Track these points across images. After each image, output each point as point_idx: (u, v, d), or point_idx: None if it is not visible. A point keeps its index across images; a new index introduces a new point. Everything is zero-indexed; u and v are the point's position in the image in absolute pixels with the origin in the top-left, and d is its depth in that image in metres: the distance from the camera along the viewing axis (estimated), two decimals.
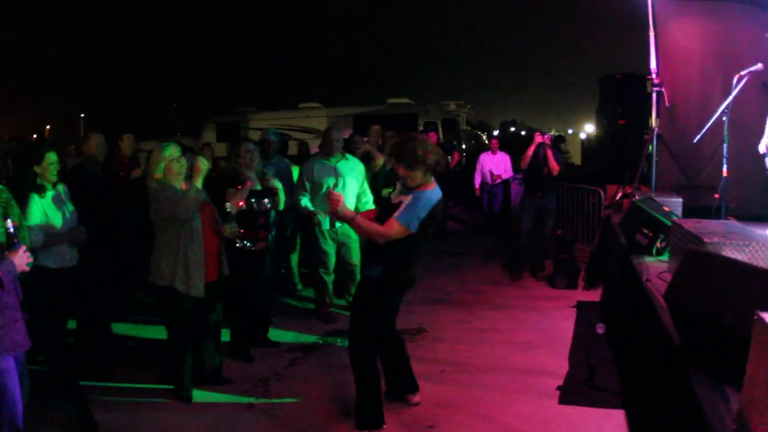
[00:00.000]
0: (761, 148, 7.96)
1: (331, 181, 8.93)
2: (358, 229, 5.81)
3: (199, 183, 6.53)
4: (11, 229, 4.57)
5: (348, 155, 9.43)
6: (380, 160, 10.25)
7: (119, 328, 8.74)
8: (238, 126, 26.36)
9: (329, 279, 9.51)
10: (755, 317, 3.11)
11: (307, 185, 9.11)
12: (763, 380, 2.98)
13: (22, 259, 4.50)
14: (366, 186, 9.42)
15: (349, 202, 8.83)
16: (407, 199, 5.79)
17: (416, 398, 6.39)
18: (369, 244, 6.05)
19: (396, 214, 5.67)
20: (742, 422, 3.17)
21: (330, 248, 9.30)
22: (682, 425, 3.96)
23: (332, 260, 9.41)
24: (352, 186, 9.15)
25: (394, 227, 5.60)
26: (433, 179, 5.92)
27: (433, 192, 5.87)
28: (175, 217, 6.33)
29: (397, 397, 6.36)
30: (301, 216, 9.66)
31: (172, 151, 6.54)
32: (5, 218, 4.63)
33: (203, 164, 6.56)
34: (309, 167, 9.18)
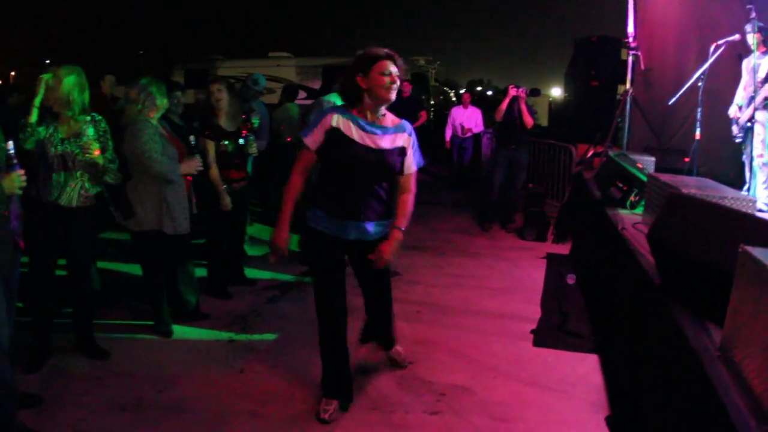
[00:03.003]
0: (731, 112, 8.14)
1: None
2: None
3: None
4: (11, 151, 4.65)
5: None
6: None
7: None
8: (207, 73, 26.20)
9: None
10: (740, 250, 3.29)
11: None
12: (746, 308, 3.16)
13: (13, 182, 4.59)
14: None
15: None
16: None
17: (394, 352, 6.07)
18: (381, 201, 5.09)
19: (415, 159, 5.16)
20: (726, 350, 3.35)
21: None
22: (664, 360, 4.14)
23: None
24: None
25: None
26: (389, 114, 5.06)
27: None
28: (158, 175, 6.32)
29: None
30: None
31: (154, 87, 6.43)
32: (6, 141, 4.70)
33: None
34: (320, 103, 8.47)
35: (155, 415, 5.19)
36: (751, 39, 7.77)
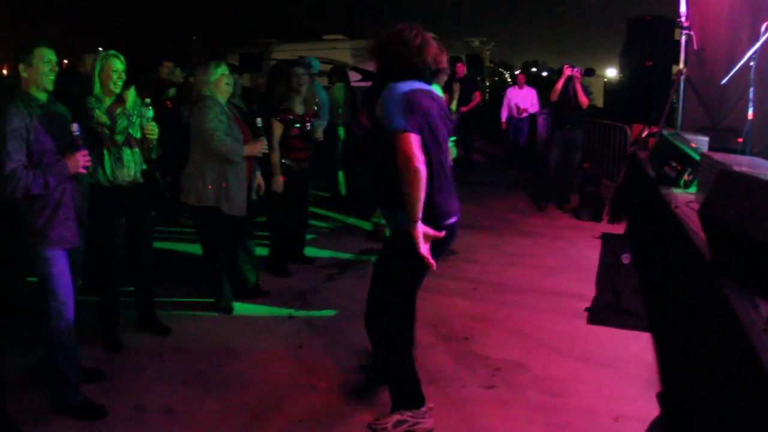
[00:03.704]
0: None
1: None
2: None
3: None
4: (76, 132, 4.83)
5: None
6: None
7: None
8: (261, 57, 26.31)
9: None
10: None
11: None
12: None
13: (77, 162, 4.77)
14: None
15: None
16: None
17: None
18: (376, 185, 4.71)
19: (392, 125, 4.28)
20: None
21: None
22: (713, 335, 4.21)
23: None
24: None
25: (400, 139, 4.18)
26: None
27: (404, 83, 4.40)
28: (221, 154, 6.49)
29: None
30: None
31: (223, 68, 6.66)
32: (72, 122, 4.87)
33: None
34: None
35: (215, 389, 5.37)
36: None
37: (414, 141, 4.17)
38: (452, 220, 4.56)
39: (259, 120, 6.94)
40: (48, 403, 5.02)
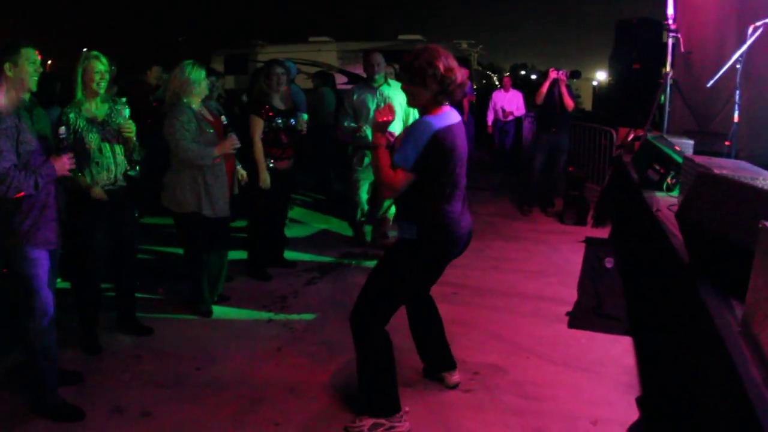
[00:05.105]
0: None
1: (373, 104, 8.78)
2: (375, 162, 4.64)
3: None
4: (63, 135, 4.87)
5: (390, 80, 9.26)
6: None
7: None
8: (247, 58, 26.37)
9: (362, 202, 9.46)
10: (760, 226, 3.39)
11: (350, 113, 8.98)
12: (765, 283, 3.27)
13: (64, 164, 4.80)
14: (412, 116, 8.72)
15: (395, 127, 8.09)
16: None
17: (455, 377, 5.50)
18: (398, 198, 4.77)
19: (395, 155, 4.55)
20: (746, 325, 3.46)
21: (363, 175, 9.23)
22: (690, 333, 4.24)
23: (365, 187, 9.36)
24: (397, 111, 8.07)
25: (398, 175, 4.47)
26: (446, 104, 4.69)
27: (437, 117, 4.55)
28: (190, 161, 6.48)
29: (434, 377, 5.58)
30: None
31: (197, 71, 6.60)
32: (59, 125, 4.92)
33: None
34: (349, 94, 9.10)
35: (192, 392, 5.40)
36: None
37: (404, 179, 4.48)
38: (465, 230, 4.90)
39: (223, 117, 6.94)
40: (25, 405, 5.04)
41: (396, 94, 8.73)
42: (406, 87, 4.69)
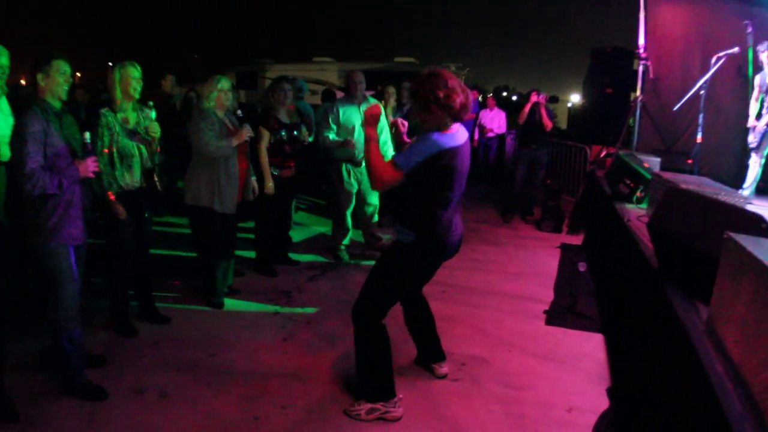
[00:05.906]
0: (749, 123, 8.14)
1: (357, 121, 8.58)
2: (367, 154, 4.59)
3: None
4: (87, 140, 4.88)
5: (370, 98, 9.13)
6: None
7: None
8: (257, 75, 26.35)
9: (349, 227, 9.24)
10: (725, 236, 3.42)
11: (333, 127, 8.67)
12: (729, 288, 3.30)
13: (88, 167, 4.81)
14: (387, 136, 8.72)
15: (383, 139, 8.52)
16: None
17: (444, 368, 5.57)
18: (397, 204, 4.80)
19: (397, 156, 4.58)
20: (711, 325, 3.49)
21: (351, 188, 8.97)
22: (658, 331, 4.27)
23: (352, 201, 9.10)
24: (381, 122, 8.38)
25: (389, 170, 4.50)
26: (455, 124, 4.64)
27: (446, 137, 4.51)
28: (211, 155, 6.53)
29: (425, 366, 5.64)
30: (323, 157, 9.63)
31: (224, 83, 6.70)
32: (83, 131, 4.92)
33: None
34: (334, 108, 8.75)
35: (207, 376, 5.40)
36: (765, 57, 7.87)
37: (396, 177, 4.50)
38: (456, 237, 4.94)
39: (239, 111, 6.98)
40: (55, 385, 5.06)
41: None
42: (416, 114, 4.66)
